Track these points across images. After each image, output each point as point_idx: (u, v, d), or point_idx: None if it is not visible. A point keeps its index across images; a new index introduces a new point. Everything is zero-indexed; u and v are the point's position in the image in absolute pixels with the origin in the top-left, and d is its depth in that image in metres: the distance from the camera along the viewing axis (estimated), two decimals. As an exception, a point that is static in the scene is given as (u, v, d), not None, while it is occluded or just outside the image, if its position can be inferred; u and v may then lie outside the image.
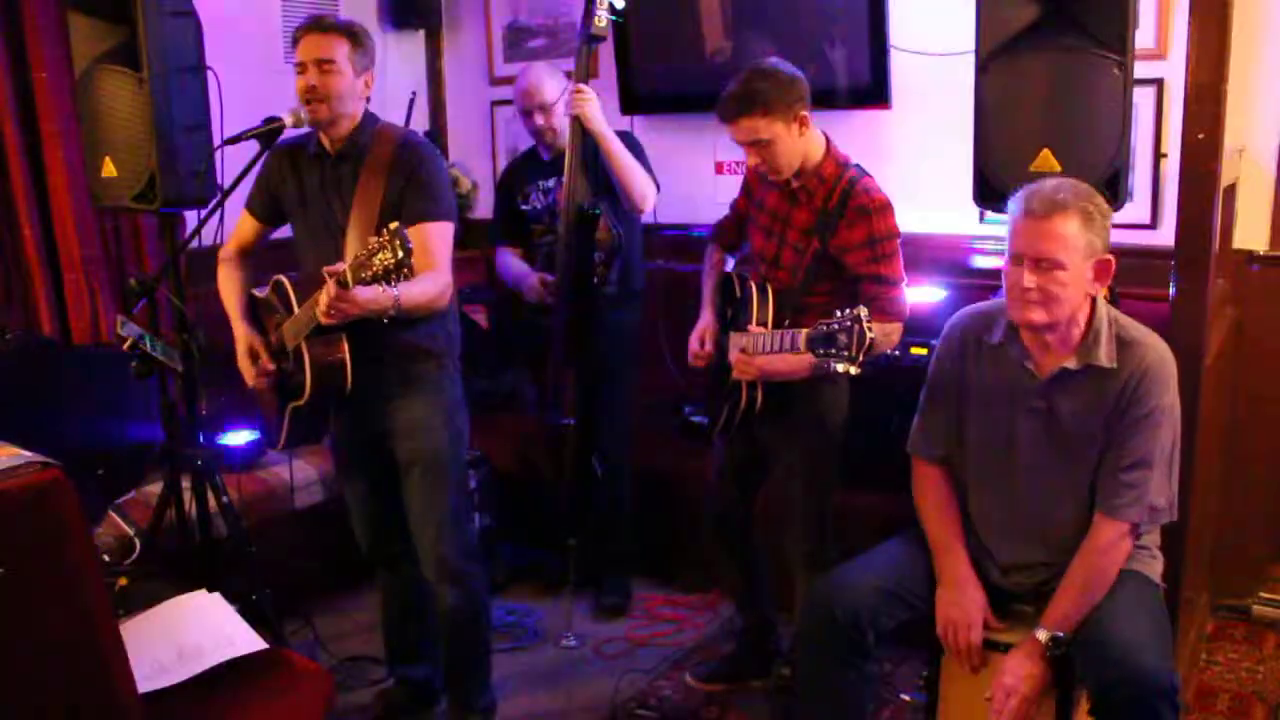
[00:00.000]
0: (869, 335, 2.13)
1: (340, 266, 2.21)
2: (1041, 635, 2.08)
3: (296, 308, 2.45)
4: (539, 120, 3.37)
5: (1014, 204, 2.09)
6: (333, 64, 2.42)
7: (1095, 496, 2.13)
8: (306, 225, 2.59)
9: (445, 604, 2.68)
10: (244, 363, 2.61)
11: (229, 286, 2.68)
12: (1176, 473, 2.13)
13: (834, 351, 2.17)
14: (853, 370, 2.17)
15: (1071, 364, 2.11)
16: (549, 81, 3.36)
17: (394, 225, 2.13)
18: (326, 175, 2.54)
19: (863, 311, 2.15)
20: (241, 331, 2.62)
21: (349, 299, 2.23)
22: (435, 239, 2.47)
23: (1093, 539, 2.12)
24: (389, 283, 2.14)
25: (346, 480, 2.81)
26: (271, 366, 2.57)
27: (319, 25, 2.46)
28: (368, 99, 2.54)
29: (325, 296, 2.24)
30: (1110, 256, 2.05)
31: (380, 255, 2.10)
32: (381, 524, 2.77)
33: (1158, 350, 2.10)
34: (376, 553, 2.83)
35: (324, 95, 2.43)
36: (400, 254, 2.09)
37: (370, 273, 2.13)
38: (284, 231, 2.71)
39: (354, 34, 2.46)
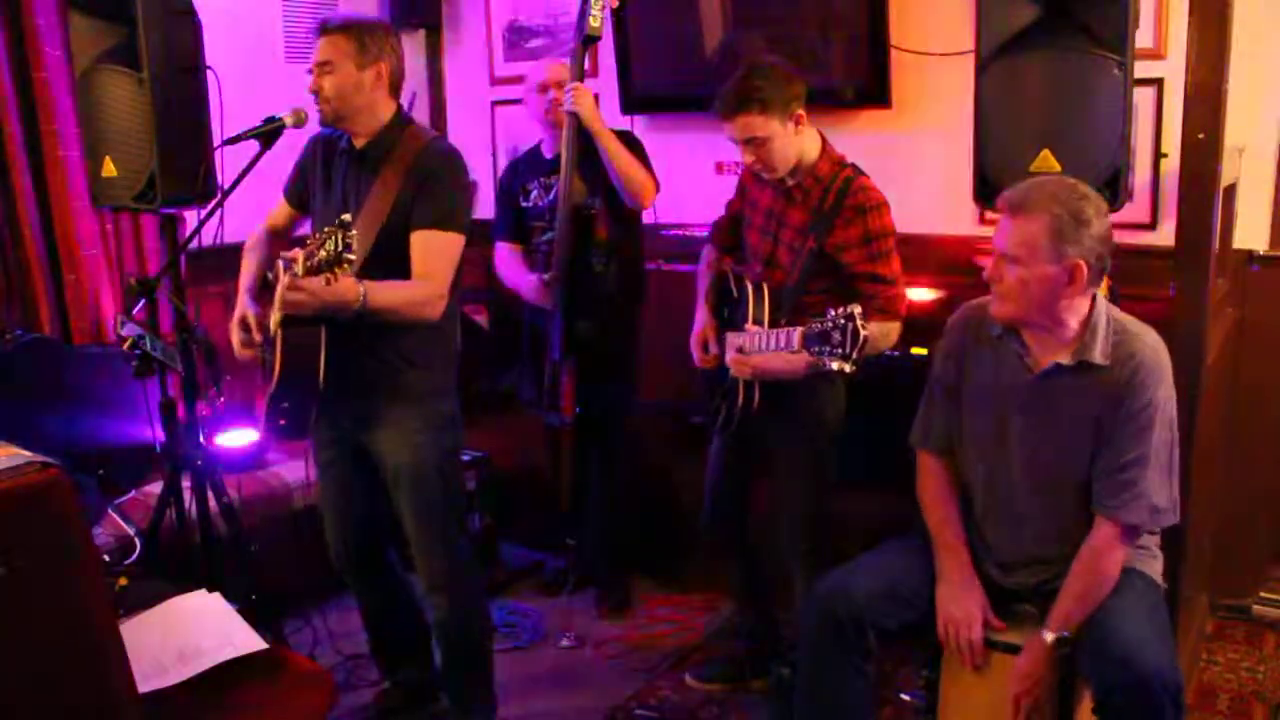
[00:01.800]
0: (863, 333, 2.13)
1: (295, 252, 2.21)
2: (1048, 637, 2.08)
3: None
4: (555, 93, 3.33)
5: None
6: (330, 65, 2.43)
7: (1093, 496, 2.12)
8: (321, 215, 2.59)
9: (436, 615, 2.68)
10: (234, 330, 2.57)
11: (248, 262, 2.67)
12: (1177, 473, 2.12)
13: (828, 350, 2.17)
14: (847, 369, 2.16)
15: (1065, 359, 2.11)
16: (566, 66, 3.38)
17: (345, 217, 2.11)
18: (349, 170, 2.53)
19: (856, 309, 2.15)
20: (241, 302, 2.60)
21: (299, 287, 2.21)
22: (435, 248, 2.43)
23: (1092, 540, 2.11)
24: (335, 276, 2.12)
25: (321, 482, 2.77)
26: (259, 337, 2.53)
27: (320, 29, 2.48)
28: (395, 93, 2.52)
29: (280, 286, 2.24)
30: (1082, 262, 2.01)
31: (326, 245, 2.09)
32: (352, 528, 2.73)
33: (1150, 345, 2.09)
34: (342, 560, 2.78)
35: (325, 96, 2.45)
36: (339, 248, 2.07)
37: (313, 263, 2.11)
38: (307, 228, 2.71)
39: (352, 30, 2.45)
